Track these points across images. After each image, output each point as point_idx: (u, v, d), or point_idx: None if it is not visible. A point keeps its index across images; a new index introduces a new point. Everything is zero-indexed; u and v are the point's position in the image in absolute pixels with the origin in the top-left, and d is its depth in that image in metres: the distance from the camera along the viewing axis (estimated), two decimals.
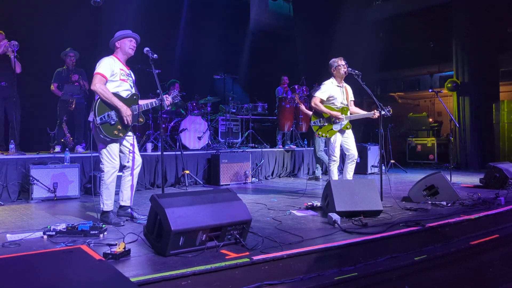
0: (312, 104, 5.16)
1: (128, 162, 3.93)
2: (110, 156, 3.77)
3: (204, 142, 7.51)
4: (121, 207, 3.97)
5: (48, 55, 6.85)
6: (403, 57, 11.58)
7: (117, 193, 3.95)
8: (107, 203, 3.78)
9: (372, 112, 5.07)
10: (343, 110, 5.11)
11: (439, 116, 13.30)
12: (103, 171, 3.78)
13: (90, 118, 3.76)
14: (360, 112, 5.28)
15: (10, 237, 3.22)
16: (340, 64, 5.12)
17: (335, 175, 5.13)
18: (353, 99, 5.36)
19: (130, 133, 3.94)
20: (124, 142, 3.91)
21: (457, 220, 3.86)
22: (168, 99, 4.05)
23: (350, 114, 5.21)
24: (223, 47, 10.07)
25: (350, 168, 5.19)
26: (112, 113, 3.72)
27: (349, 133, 5.18)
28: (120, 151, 3.88)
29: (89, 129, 3.89)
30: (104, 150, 3.77)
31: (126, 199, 3.95)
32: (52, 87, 6.41)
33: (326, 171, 7.46)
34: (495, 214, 4.21)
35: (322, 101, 5.14)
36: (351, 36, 11.15)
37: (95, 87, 3.69)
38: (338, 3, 10.89)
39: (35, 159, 5.40)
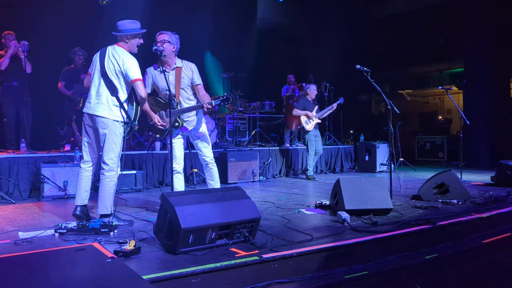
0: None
1: None
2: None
3: (212, 140, 7.52)
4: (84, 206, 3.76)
5: (57, 54, 6.90)
6: (412, 54, 11.48)
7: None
8: None
9: (201, 104, 3.94)
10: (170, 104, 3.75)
11: (448, 114, 13.18)
12: None
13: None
14: (206, 99, 3.97)
15: (22, 234, 3.25)
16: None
17: (176, 188, 3.98)
18: (198, 82, 4.07)
19: None
20: None
21: (468, 219, 3.83)
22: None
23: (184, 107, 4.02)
24: (230, 45, 10.07)
25: (209, 174, 4.23)
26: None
27: (200, 128, 4.16)
28: None
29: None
30: None
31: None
32: (59, 85, 6.48)
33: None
34: (507, 213, 4.16)
35: (150, 95, 4.07)
36: (359, 34, 11.10)
37: (145, 95, 3.63)
38: (346, 1, 10.83)
39: (45, 157, 5.45)
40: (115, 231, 3.34)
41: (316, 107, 7.30)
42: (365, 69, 4.91)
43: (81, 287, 1.77)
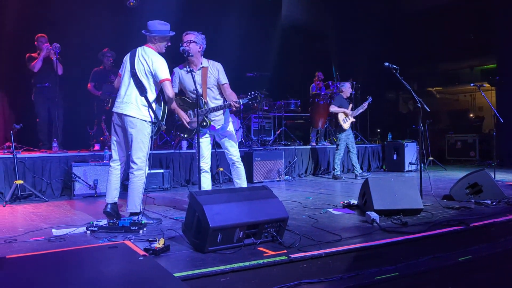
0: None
1: None
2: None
3: (237, 139, 7.53)
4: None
5: (87, 56, 7.09)
6: (442, 51, 11.15)
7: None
8: None
9: (229, 103, 3.96)
10: (198, 104, 3.73)
11: (480, 111, 12.74)
12: None
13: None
14: (233, 98, 3.98)
15: (55, 232, 3.36)
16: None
17: (203, 187, 3.95)
18: (224, 82, 4.08)
19: None
20: None
21: (503, 220, 3.69)
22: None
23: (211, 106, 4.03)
24: (255, 44, 10.05)
25: (235, 173, 4.24)
26: None
27: (228, 126, 4.18)
28: None
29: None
30: None
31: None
32: (89, 86, 6.66)
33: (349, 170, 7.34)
34: None
35: (177, 95, 4.08)
36: (387, 30, 10.88)
37: (172, 94, 3.68)
38: None
39: (76, 157, 5.61)
40: (144, 229, 3.39)
41: (351, 105, 7.23)
42: (394, 66, 4.80)
43: (116, 283, 1.80)
